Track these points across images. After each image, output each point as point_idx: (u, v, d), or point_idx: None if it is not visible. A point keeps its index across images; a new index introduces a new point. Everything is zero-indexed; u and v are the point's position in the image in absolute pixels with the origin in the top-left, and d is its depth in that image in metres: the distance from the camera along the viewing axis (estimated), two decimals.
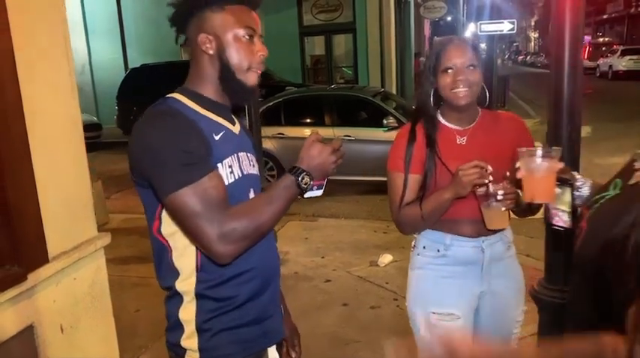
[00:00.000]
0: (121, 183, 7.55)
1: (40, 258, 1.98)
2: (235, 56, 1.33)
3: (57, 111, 2.11)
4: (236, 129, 1.41)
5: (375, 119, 6.91)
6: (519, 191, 1.57)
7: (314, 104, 7.43)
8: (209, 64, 1.34)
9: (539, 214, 1.75)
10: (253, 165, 1.43)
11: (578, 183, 1.40)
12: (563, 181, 1.34)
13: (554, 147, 1.32)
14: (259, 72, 1.37)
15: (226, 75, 1.34)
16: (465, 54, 1.73)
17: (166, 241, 1.31)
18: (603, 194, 1.18)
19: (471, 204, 1.75)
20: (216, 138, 1.31)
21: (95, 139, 11.04)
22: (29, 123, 1.92)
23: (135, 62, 12.31)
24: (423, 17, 20.12)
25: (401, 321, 3.44)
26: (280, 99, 7.35)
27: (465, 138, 1.79)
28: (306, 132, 7.10)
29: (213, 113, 1.35)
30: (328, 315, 3.58)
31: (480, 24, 14.61)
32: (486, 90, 1.79)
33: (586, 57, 26.19)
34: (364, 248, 4.82)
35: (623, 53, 23.22)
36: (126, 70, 12.38)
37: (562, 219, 1.35)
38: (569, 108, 1.89)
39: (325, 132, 7.05)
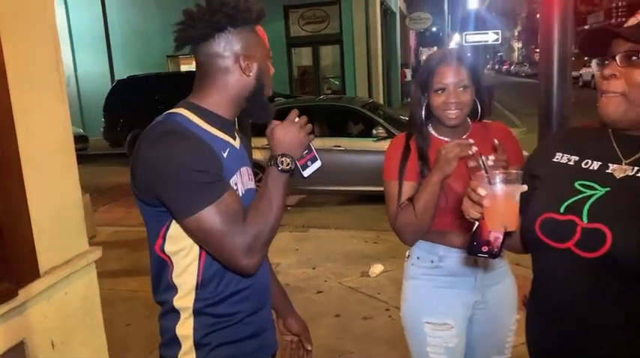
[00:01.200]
0: (108, 196, 7.50)
1: (31, 273, 1.95)
2: (267, 77, 1.36)
3: (48, 124, 2.10)
4: (237, 143, 1.41)
5: (364, 129, 6.95)
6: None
7: (303, 114, 7.45)
8: (240, 84, 1.32)
9: None
10: (251, 179, 1.43)
11: None
12: None
13: (514, 171, 1.23)
14: None
15: (258, 95, 1.35)
16: (458, 74, 1.73)
17: (169, 258, 1.29)
18: (579, 196, 1.18)
19: (462, 215, 1.76)
20: (225, 155, 1.30)
21: (82, 151, 10.95)
22: (20, 136, 1.90)
23: (121, 74, 12.26)
24: (408, 28, 20.35)
25: (393, 331, 3.43)
26: None
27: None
28: None
29: (218, 129, 1.33)
30: (321, 327, 3.56)
31: (465, 35, 14.82)
32: (478, 105, 1.81)
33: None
34: (355, 258, 4.81)
35: None
36: (112, 82, 12.32)
37: (496, 244, 1.21)
38: (558, 119, 1.92)
39: (315, 142, 7.05)
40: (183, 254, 1.28)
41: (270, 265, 1.62)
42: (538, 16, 1.96)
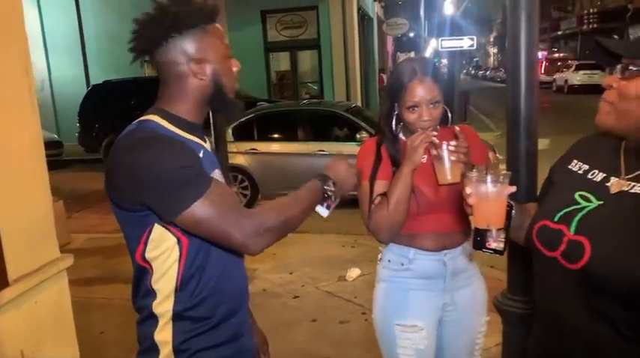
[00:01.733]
0: (83, 202, 7.39)
1: (0, 281, 1.92)
2: (226, 77, 1.35)
3: (16, 131, 2.06)
4: (208, 146, 1.42)
5: (348, 133, 6.97)
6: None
7: (287, 119, 7.43)
8: (198, 88, 1.32)
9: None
10: (223, 181, 1.44)
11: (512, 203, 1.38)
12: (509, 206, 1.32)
13: (503, 172, 1.28)
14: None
15: (220, 96, 1.35)
16: (430, 91, 1.74)
17: (149, 264, 1.30)
18: (573, 207, 1.19)
19: (434, 219, 1.80)
20: (201, 156, 1.31)
21: (56, 157, 10.77)
22: None
23: (97, 78, 12.11)
24: (385, 34, 20.51)
25: (369, 335, 3.44)
26: (253, 115, 7.32)
27: (426, 156, 1.81)
28: (280, 147, 7.09)
29: (189, 133, 1.33)
30: (298, 331, 3.56)
31: (441, 40, 14.99)
32: (448, 112, 1.83)
33: (543, 72, 27.07)
34: (332, 263, 4.83)
35: (578, 68, 24.09)
36: (87, 87, 12.16)
37: (497, 241, 1.30)
38: (526, 124, 1.96)
39: (299, 147, 6.99)
40: (163, 258, 1.28)
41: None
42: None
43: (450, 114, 1.84)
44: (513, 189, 1.27)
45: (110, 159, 1.26)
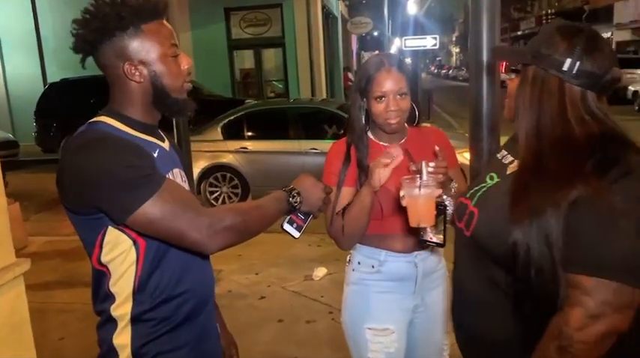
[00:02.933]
0: (40, 204, 7.16)
1: None
2: (168, 78, 1.30)
3: None
4: (166, 145, 1.39)
5: (339, 131, 6.94)
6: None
7: (277, 117, 7.33)
8: (139, 90, 1.29)
9: None
10: (185, 181, 1.43)
11: (446, 203, 1.57)
12: (438, 205, 1.52)
13: (431, 176, 1.49)
14: (189, 82, 1.37)
15: (161, 98, 1.31)
16: (397, 81, 1.75)
17: (106, 268, 1.27)
18: (481, 185, 1.34)
19: (403, 219, 1.77)
20: (155, 155, 1.29)
21: (12, 158, 10.40)
22: None
23: (54, 77, 11.75)
24: (350, 32, 20.61)
25: (336, 334, 3.45)
26: (242, 113, 7.25)
27: (397, 156, 1.80)
28: (271, 145, 6.95)
29: (143, 133, 1.31)
30: (264, 333, 3.54)
31: (405, 39, 15.14)
32: (416, 110, 1.84)
33: (503, 71, 27.68)
34: (299, 262, 4.81)
35: None
36: (44, 85, 11.79)
37: (436, 236, 1.52)
38: (488, 123, 1.99)
39: (291, 145, 6.90)
40: (119, 260, 1.26)
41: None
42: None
43: (417, 112, 1.85)
44: (440, 191, 1.49)
45: (60, 161, 1.23)
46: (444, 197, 1.57)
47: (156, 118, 1.37)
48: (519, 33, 41.77)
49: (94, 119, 1.29)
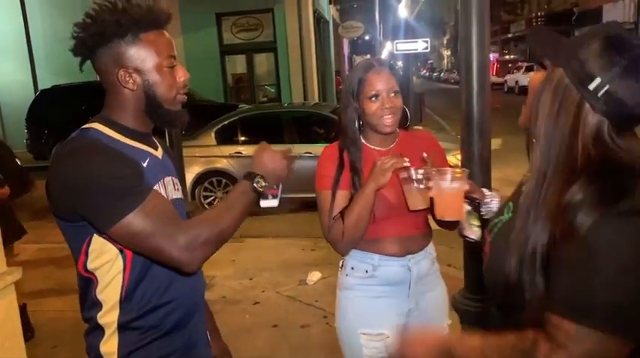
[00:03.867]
0: (32, 211, 7.10)
1: None
2: (161, 88, 1.29)
3: None
4: (159, 153, 1.39)
5: (333, 135, 6.92)
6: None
7: (271, 122, 7.33)
8: (132, 98, 1.30)
9: None
10: (178, 189, 1.43)
11: (486, 199, 1.52)
12: (472, 199, 1.49)
13: (461, 169, 1.47)
14: (184, 95, 1.36)
15: (154, 107, 1.31)
16: (388, 81, 1.77)
17: (92, 275, 1.27)
18: (500, 218, 1.23)
19: (396, 223, 1.80)
20: (144, 164, 1.29)
21: None
22: None
23: (45, 83, 11.68)
24: (341, 36, 20.65)
25: (330, 338, 3.43)
26: (236, 118, 7.24)
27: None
28: None
29: (135, 141, 1.32)
30: (258, 338, 3.53)
31: (396, 43, 15.17)
32: (407, 112, 1.85)
33: (494, 73, 27.88)
34: (293, 267, 4.80)
35: (528, 69, 24.89)
36: (35, 92, 11.72)
37: (472, 231, 1.50)
38: (479, 125, 2.00)
39: (284, 149, 6.94)
40: (106, 268, 1.26)
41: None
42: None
43: (408, 115, 1.87)
44: (467, 187, 1.43)
45: (49, 167, 1.24)
46: (487, 193, 1.55)
47: (149, 126, 1.36)
48: (510, 35, 42.00)
49: (86, 125, 1.30)
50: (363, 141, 1.86)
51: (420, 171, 1.65)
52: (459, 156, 2.19)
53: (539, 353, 0.95)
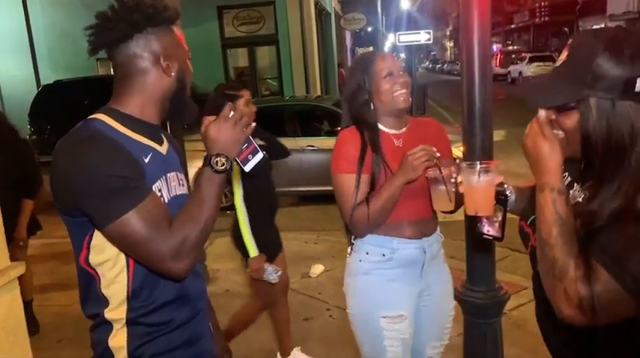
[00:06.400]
0: (37, 206, 7.13)
1: None
2: (189, 77, 1.36)
3: None
4: (163, 148, 1.38)
5: (334, 128, 6.92)
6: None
7: (274, 115, 7.24)
8: (159, 85, 1.30)
9: (458, 216, 1.81)
10: (183, 185, 1.41)
11: (507, 192, 1.43)
12: (499, 193, 1.39)
13: (491, 161, 1.37)
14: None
15: (181, 96, 1.34)
16: (396, 61, 1.89)
17: (94, 271, 1.27)
18: None
19: (412, 206, 1.83)
20: (146, 160, 1.27)
21: None
22: None
23: (47, 78, 11.69)
24: (344, 29, 20.56)
25: (334, 331, 3.46)
26: None
27: (401, 140, 1.89)
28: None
29: (139, 134, 1.30)
30: (263, 331, 3.53)
31: (399, 35, 15.12)
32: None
33: (498, 64, 27.73)
34: (296, 260, 4.80)
35: (531, 60, 24.80)
36: (38, 87, 11.73)
37: (494, 228, 1.39)
38: (481, 117, 1.98)
39: (287, 143, 6.95)
40: (109, 265, 1.25)
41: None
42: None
43: (411, 103, 1.91)
44: (501, 178, 1.36)
45: (52, 160, 1.23)
46: (505, 186, 1.46)
47: (158, 117, 1.35)
48: (513, 26, 41.77)
49: (91, 116, 1.28)
50: (378, 125, 1.90)
51: (454, 174, 1.65)
52: (462, 148, 2.18)
53: (570, 274, 1.04)
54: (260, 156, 1.31)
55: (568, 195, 1.15)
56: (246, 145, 1.30)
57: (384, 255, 1.86)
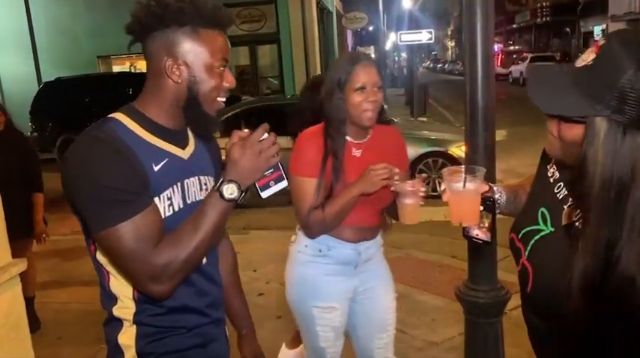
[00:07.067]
0: None
1: None
2: (205, 88, 1.23)
3: None
4: (186, 153, 1.30)
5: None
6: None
7: (275, 113, 7.31)
8: (172, 91, 1.23)
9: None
10: (206, 189, 1.32)
11: (496, 195, 1.38)
12: (485, 199, 1.33)
13: (478, 168, 1.30)
14: (224, 101, 1.29)
15: (192, 106, 1.24)
16: (374, 75, 1.86)
17: (103, 267, 1.26)
18: (533, 227, 1.17)
19: (359, 214, 1.90)
20: (156, 168, 1.21)
21: None
22: None
23: (49, 75, 11.69)
24: (345, 27, 20.56)
25: None
26: (239, 110, 7.23)
27: (361, 150, 1.94)
28: None
29: (157, 137, 1.24)
30: (263, 329, 3.49)
31: (400, 34, 15.11)
32: (384, 108, 1.94)
33: (499, 64, 27.71)
34: None
35: (532, 60, 24.76)
36: (39, 84, 11.75)
37: (483, 232, 1.34)
38: (484, 116, 1.98)
39: (288, 142, 6.90)
40: (113, 265, 1.24)
41: (238, 280, 1.61)
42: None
43: (386, 109, 1.95)
44: (486, 187, 1.28)
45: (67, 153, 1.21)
46: (495, 188, 1.39)
47: (176, 124, 1.28)
48: (514, 26, 41.73)
49: (110, 115, 1.24)
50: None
51: (421, 188, 1.72)
52: (463, 148, 2.18)
53: None
54: (283, 185, 1.23)
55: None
56: (271, 171, 1.21)
57: (320, 251, 1.94)
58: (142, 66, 15.22)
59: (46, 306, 3.93)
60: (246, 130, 1.21)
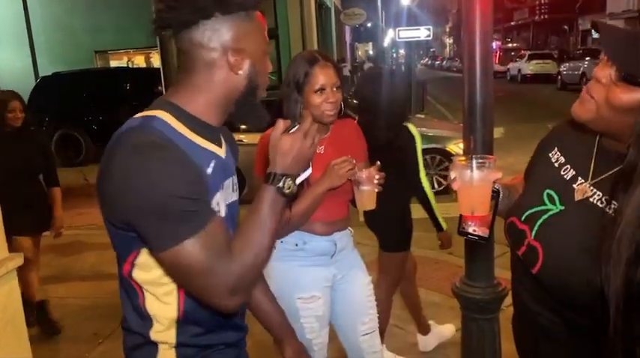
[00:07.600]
0: None
1: None
2: (264, 77, 1.15)
3: None
4: (223, 151, 1.20)
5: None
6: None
7: (274, 108, 7.26)
8: (225, 83, 1.11)
9: (457, 212, 1.79)
10: (235, 190, 1.26)
11: (498, 188, 1.32)
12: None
13: (488, 156, 1.24)
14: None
15: (250, 98, 1.14)
16: (333, 76, 1.89)
17: (139, 286, 1.13)
18: (539, 208, 1.16)
19: (327, 209, 1.96)
20: (209, 171, 1.11)
21: None
22: None
23: (46, 70, 11.66)
24: (343, 24, 20.54)
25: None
26: None
27: (323, 147, 1.98)
28: None
29: (202, 137, 1.12)
30: (257, 324, 3.54)
31: (399, 30, 15.08)
32: (342, 106, 1.96)
33: (497, 61, 27.72)
34: None
35: (530, 57, 24.76)
36: (36, 79, 11.71)
37: (480, 228, 1.27)
38: (482, 113, 1.99)
39: None
40: (156, 284, 1.12)
41: (267, 285, 1.55)
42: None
43: (343, 106, 1.96)
44: (499, 175, 1.23)
45: (103, 158, 1.05)
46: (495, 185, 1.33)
47: (220, 120, 1.17)
48: (512, 23, 41.76)
49: (151, 113, 1.09)
50: None
51: (376, 176, 1.83)
52: (461, 145, 2.18)
53: None
54: (309, 172, 1.19)
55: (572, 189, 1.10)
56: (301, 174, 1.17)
57: (296, 245, 1.99)
58: (139, 61, 15.21)
59: None
60: (288, 120, 1.15)
